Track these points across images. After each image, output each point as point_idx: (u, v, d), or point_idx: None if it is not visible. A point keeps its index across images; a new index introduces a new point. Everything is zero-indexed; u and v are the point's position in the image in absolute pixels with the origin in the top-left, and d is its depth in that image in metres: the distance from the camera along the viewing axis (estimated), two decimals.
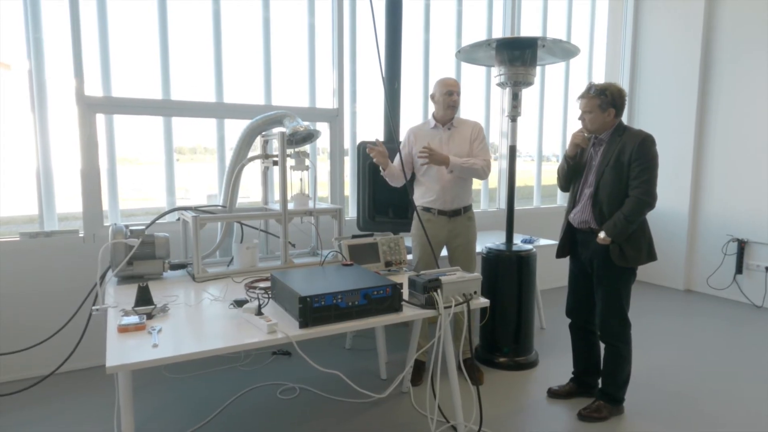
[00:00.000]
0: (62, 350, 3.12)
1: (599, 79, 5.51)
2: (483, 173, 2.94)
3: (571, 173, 2.73)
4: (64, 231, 3.15)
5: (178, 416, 2.69)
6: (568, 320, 2.89)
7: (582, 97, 2.59)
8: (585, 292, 2.77)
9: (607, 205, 2.53)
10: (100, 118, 3.22)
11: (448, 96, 2.92)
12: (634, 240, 2.52)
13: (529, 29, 4.94)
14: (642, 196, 2.45)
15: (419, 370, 3.13)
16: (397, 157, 3.00)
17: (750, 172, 4.69)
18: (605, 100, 2.52)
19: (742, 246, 4.75)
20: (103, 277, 2.63)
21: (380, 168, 2.97)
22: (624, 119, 2.66)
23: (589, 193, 2.61)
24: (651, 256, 2.58)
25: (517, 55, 3.13)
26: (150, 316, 1.99)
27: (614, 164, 2.51)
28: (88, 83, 3.13)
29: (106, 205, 3.31)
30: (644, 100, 5.46)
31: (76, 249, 3.15)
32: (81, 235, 3.18)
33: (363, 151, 3.63)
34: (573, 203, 2.72)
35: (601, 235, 2.53)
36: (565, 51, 3.28)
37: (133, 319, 1.90)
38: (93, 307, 2.09)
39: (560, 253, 2.82)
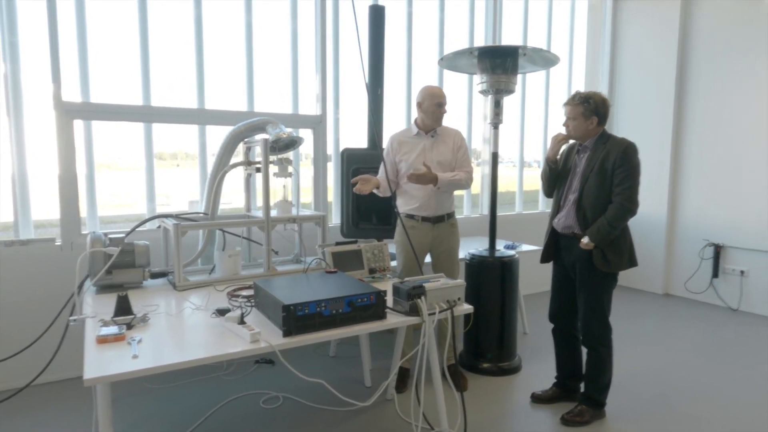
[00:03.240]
0: (38, 362, 3.04)
1: (579, 85, 5.61)
2: (466, 184, 3.01)
3: (554, 178, 2.77)
4: (40, 239, 3.08)
5: (159, 427, 2.64)
6: (551, 325, 2.92)
7: (567, 104, 2.65)
8: (568, 297, 2.80)
9: (591, 211, 2.57)
10: (78, 123, 3.16)
11: (438, 108, 2.94)
12: (617, 246, 2.56)
13: (510, 36, 5.00)
14: (625, 203, 2.50)
15: (404, 377, 3.12)
16: (382, 168, 2.99)
17: (725, 178, 4.80)
18: (588, 108, 2.57)
19: (718, 250, 4.85)
20: (80, 286, 2.57)
21: (376, 192, 2.99)
22: None
23: (573, 198, 2.64)
24: (632, 261, 2.63)
25: (499, 64, 3.17)
26: (130, 326, 1.95)
27: (598, 171, 2.56)
28: (66, 88, 3.07)
29: (84, 212, 3.24)
30: (622, 107, 5.56)
31: (53, 258, 3.08)
32: (58, 243, 3.11)
33: (347, 157, 3.63)
34: (557, 208, 2.75)
35: (585, 240, 2.56)
36: (545, 60, 3.33)
37: (112, 329, 1.86)
38: (70, 318, 2.04)
39: (544, 257, 2.85)
